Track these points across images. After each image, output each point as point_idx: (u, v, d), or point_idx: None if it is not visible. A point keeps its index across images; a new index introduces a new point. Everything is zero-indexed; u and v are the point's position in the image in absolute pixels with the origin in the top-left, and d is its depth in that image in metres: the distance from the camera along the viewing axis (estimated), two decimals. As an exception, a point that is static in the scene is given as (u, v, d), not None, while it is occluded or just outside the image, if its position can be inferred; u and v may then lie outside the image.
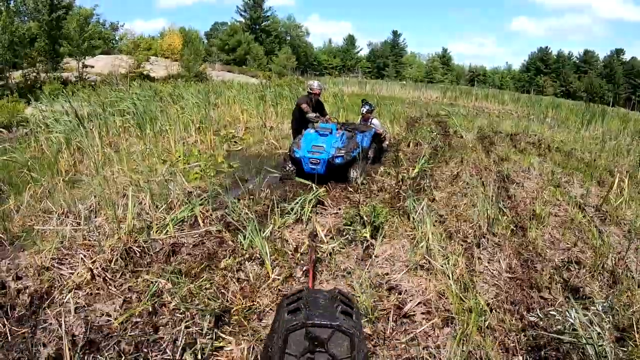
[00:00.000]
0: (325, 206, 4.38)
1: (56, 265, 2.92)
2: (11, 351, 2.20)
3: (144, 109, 8.17)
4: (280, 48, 45.36)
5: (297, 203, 4.07)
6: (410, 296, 2.68)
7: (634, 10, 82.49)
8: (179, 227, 3.69)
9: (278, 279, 2.86)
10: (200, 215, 3.85)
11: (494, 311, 2.57)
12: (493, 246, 3.48)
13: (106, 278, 2.80)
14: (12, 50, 16.96)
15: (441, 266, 2.89)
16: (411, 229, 3.64)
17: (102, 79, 19.10)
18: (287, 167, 5.78)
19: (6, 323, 2.35)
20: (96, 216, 3.78)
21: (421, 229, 3.40)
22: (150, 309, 2.48)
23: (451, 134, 9.56)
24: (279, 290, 2.78)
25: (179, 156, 6.17)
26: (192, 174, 5.44)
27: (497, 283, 2.94)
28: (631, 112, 21.83)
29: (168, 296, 2.60)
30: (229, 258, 3.11)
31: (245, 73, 31.56)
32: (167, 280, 2.73)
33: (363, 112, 7.21)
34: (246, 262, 3.06)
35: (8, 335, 2.30)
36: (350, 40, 54.74)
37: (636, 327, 2.29)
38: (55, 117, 8.02)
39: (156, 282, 2.70)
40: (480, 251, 3.35)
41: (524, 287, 2.91)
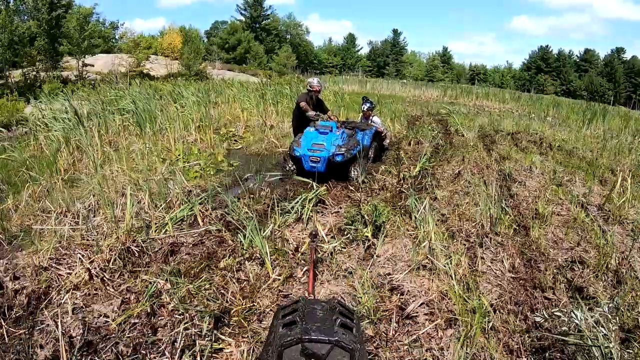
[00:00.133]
0: (326, 205, 4.34)
1: (54, 265, 2.88)
2: (8, 353, 2.17)
3: (144, 108, 8.13)
4: (280, 47, 45.29)
5: (298, 202, 4.03)
6: (412, 297, 2.64)
7: (635, 9, 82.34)
8: (178, 227, 3.65)
9: (278, 279, 2.83)
10: (199, 214, 3.81)
11: (498, 312, 2.53)
12: (496, 246, 3.44)
13: (104, 278, 2.77)
14: (12, 49, 16.91)
15: (444, 266, 2.86)
16: (413, 228, 3.60)
17: (102, 78, 19.04)
18: (288, 167, 5.75)
19: (3, 324, 2.32)
20: (95, 215, 3.74)
21: (423, 228, 3.37)
22: (148, 310, 2.45)
23: (452, 133, 9.52)
24: (280, 290, 2.74)
25: (179, 155, 6.13)
26: (192, 173, 5.40)
27: (501, 283, 2.90)
28: (632, 111, 21.79)
29: (167, 297, 2.56)
30: (229, 258, 3.08)
31: (245, 72, 31.46)
32: (166, 280, 2.70)
33: (364, 110, 7.16)
34: (246, 262, 3.02)
35: (5, 336, 2.27)
36: (350, 39, 54.62)
37: (642, 328, 2.25)
38: (54, 116, 7.98)
39: (155, 283, 2.66)
40: (483, 251, 3.31)
41: (528, 287, 2.87)
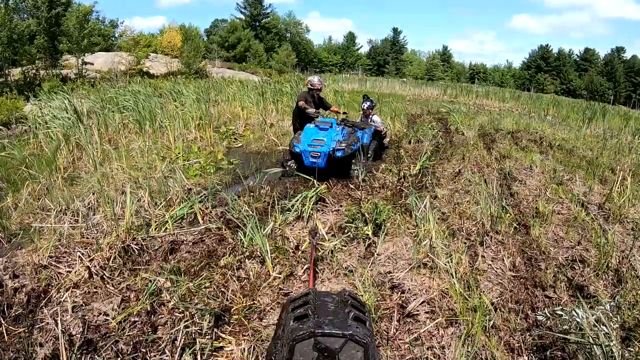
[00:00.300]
0: (326, 203, 4.33)
1: (54, 263, 2.87)
2: (7, 351, 2.16)
3: (144, 106, 8.11)
4: (280, 45, 45.19)
5: (298, 200, 4.02)
6: (413, 295, 2.64)
7: (635, 8, 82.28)
8: (178, 225, 3.64)
9: (279, 278, 2.82)
10: (199, 212, 3.80)
11: (499, 310, 2.53)
12: (496, 244, 3.43)
13: (104, 276, 2.76)
14: (11, 47, 16.83)
15: (444, 264, 2.85)
16: (413, 227, 3.59)
17: (102, 76, 19.00)
18: (288, 166, 5.74)
19: (2, 322, 2.32)
20: (94, 213, 3.73)
21: (424, 227, 3.36)
22: (148, 308, 2.44)
23: (452, 132, 9.51)
24: (280, 289, 2.73)
25: (179, 153, 6.12)
26: (192, 171, 5.39)
27: (501, 282, 2.89)
28: (632, 111, 21.81)
29: (167, 295, 2.55)
30: (229, 256, 3.07)
31: (245, 70, 31.41)
32: (166, 278, 2.69)
33: (364, 108, 7.14)
34: (246, 260, 3.02)
35: (4, 334, 2.26)
36: (350, 37, 54.53)
37: (643, 327, 2.25)
38: (54, 114, 7.96)
39: (155, 281, 2.65)
40: (483, 249, 3.31)
41: (528, 286, 2.87)
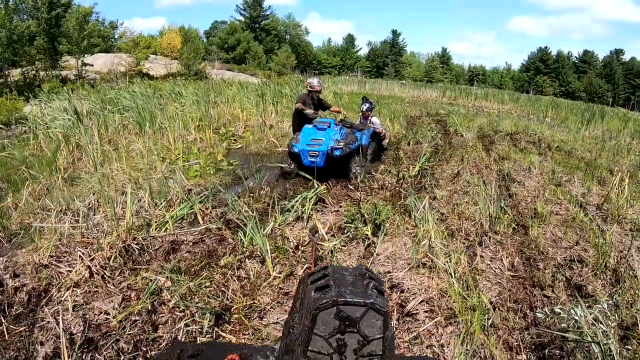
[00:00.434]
0: (325, 204, 4.35)
1: (54, 262, 2.88)
2: (8, 350, 2.17)
3: (144, 107, 8.12)
4: (279, 47, 45.28)
5: (298, 201, 4.04)
6: (412, 294, 2.65)
7: (634, 10, 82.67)
8: (179, 225, 3.66)
9: (279, 277, 2.83)
10: (199, 212, 3.81)
11: (497, 309, 2.54)
12: (495, 244, 3.45)
13: (105, 276, 2.77)
14: (11, 48, 16.86)
15: (443, 264, 2.87)
16: (413, 227, 3.61)
17: (102, 77, 19.02)
18: (287, 165, 5.76)
19: (3, 321, 2.32)
20: (95, 214, 3.74)
21: (423, 227, 3.38)
22: (149, 307, 2.45)
23: (451, 133, 9.54)
24: (280, 288, 2.75)
25: (179, 154, 6.13)
26: (192, 172, 5.41)
27: (500, 281, 2.91)
28: (631, 112, 21.90)
29: (167, 294, 2.57)
30: (229, 256, 3.08)
31: (244, 72, 31.46)
32: (167, 278, 2.70)
33: (363, 110, 7.16)
34: (246, 260, 3.03)
35: (5, 333, 2.27)
36: (349, 39, 54.64)
37: (640, 326, 2.27)
38: (54, 115, 7.97)
39: (155, 280, 2.66)
40: (482, 249, 3.33)
41: (527, 286, 2.89)
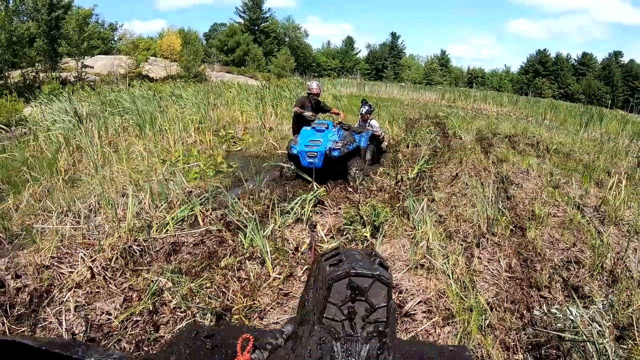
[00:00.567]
0: (325, 206, 4.38)
1: (56, 263, 2.91)
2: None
3: (144, 109, 8.16)
4: (279, 49, 45.37)
5: (297, 203, 4.07)
6: (411, 295, 2.68)
7: (633, 13, 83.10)
8: (179, 227, 3.68)
9: (279, 278, 2.86)
10: (200, 214, 3.84)
11: (495, 310, 2.57)
12: (493, 246, 3.49)
13: (106, 277, 2.80)
14: (11, 49, 16.90)
15: (441, 265, 2.90)
16: (411, 229, 3.64)
17: (102, 79, 19.06)
18: (286, 167, 5.79)
19: (5, 322, 2.35)
20: (96, 215, 3.77)
21: (421, 229, 3.41)
22: (150, 308, 2.48)
23: (450, 136, 9.59)
24: (280, 289, 2.78)
25: (179, 156, 6.17)
26: (192, 174, 5.44)
27: (497, 282, 2.94)
28: (629, 114, 21.98)
29: (169, 295, 2.59)
30: (230, 257, 3.11)
31: (244, 74, 31.52)
32: (168, 279, 2.73)
33: (362, 113, 7.19)
34: (247, 261, 3.06)
35: (7, 333, 2.29)
36: (349, 42, 54.77)
37: (636, 326, 2.30)
38: (54, 117, 8.00)
39: (156, 281, 2.69)
40: (480, 251, 3.36)
41: (524, 287, 2.92)
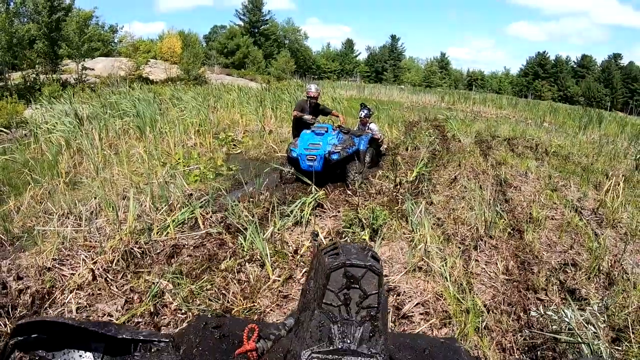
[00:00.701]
0: (324, 209, 4.41)
1: (57, 265, 2.93)
2: (13, 351, 2.21)
3: (144, 112, 8.19)
4: (279, 52, 45.48)
5: (297, 206, 4.10)
6: (408, 297, 2.71)
7: (632, 15, 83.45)
8: (180, 229, 3.71)
9: (278, 280, 2.89)
10: (200, 217, 3.87)
11: (491, 312, 2.60)
12: (490, 248, 3.52)
13: (108, 278, 2.82)
14: (12, 51, 16.95)
15: (439, 268, 2.93)
16: (409, 232, 3.67)
17: (102, 81, 19.11)
18: (285, 170, 5.82)
19: (7, 323, 2.37)
20: (97, 217, 3.79)
21: (419, 232, 3.44)
22: (152, 309, 2.50)
23: (449, 138, 9.63)
24: (280, 291, 2.80)
25: (179, 159, 6.20)
26: (192, 177, 5.47)
27: (494, 285, 2.97)
28: (629, 116, 22.06)
29: (169, 297, 2.62)
30: (230, 259, 3.14)
31: (244, 76, 31.61)
32: (169, 281, 2.76)
33: (361, 117, 7.23)
34: (246, 264, 3.09)
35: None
36: (348, 44, 54.94)
37: (631, 328, 2.32)
38: (55, 120, 8.03)
39: (157, 283, 2.72)
40: (477, 253, 3.39)
41: (521, 289, 2.94)
